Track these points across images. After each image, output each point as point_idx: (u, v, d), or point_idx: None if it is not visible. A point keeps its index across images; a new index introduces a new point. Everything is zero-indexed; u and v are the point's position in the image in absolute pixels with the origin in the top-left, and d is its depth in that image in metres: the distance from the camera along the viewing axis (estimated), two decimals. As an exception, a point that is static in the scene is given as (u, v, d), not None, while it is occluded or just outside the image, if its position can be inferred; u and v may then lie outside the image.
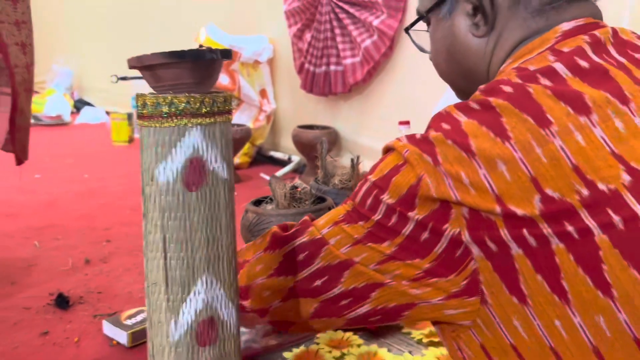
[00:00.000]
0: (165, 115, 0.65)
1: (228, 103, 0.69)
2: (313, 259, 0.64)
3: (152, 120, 0.66)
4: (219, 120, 0.67)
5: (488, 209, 0.53)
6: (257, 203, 1.16)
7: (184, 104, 0.65)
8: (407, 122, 1.87)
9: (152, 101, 0.65)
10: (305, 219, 0.69)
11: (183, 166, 0.65)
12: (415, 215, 0.56)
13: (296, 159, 2.71)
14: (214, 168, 0.67)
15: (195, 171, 0.66)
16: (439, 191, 0.55)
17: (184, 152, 0.65)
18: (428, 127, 0.61)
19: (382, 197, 0.59)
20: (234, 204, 0.69)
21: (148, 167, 0.67)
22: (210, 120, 0.67)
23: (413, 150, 0.57)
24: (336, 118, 2.53)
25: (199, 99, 0.65)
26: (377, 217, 0.59)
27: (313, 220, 0.68)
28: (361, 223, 0.61)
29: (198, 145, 0.66)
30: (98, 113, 4.16)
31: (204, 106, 0.66)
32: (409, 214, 0.57)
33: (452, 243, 0.55)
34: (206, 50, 0.65)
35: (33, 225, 1.85)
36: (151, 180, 0.67)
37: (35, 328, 1.19)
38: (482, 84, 0.68)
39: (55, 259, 1.57)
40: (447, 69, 0.75)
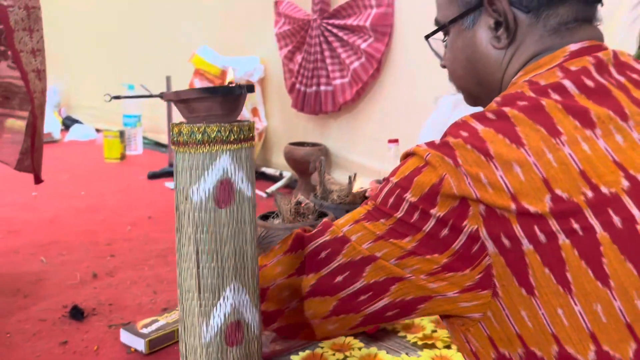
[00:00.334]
0: (199, 143, 0.74)
1: (251, 131, 0.78)
2: (335, 255, 0.68)
3: (187, 146, 0.75)
4: (244, 146, 0.76)
5: (504, 206, 0.58)
6: (264, 218, 1.25)
7: (215, 133, 0.74)
8: (396, 140, 1.97)
9: (188, 130, 0.74)
10: (325, 220, 0.73)
11: (214, 186, 0.74)
12: (436, 212, 0.61)
13: (287, 174, 2.80)
14: (240, 188, 0.76)
15: (224, 191, 0.75)
16: (460, 189, 0.60)
17: (215, 175, 0.74)
18: (445, 135, 0.65)
19: (405, 196, 0.63)
20: (256, 219, 0.78)
21: (182, 188, 0.76)
22: (237, 146, 0.76)
23: (434, 153, 0.62)
24: (326, 135, 2.63)
25: (228, 128, 0.74)
26: (400, 215, 0.63)
27: (333, 220, 0.72)
28: (382, 220, 0.65)
29: (227, 168, 0.75)
30: (87, 130, 4.21)
31: (233, 134, 0.75)
32: (431, 211, 0.61)
33: (470, 239, 0.60)
34: (235, 87, 0.74)
35: (37, 242, 1.91)
36: (185, 199, 0.75)
37: (54, 338, 1.25)
38: (495, 91, 0.76)
39: (63, 273, 1.64)
40: (464, 76, 0.80)
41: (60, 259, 1.76)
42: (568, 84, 0.65)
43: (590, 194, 0.58)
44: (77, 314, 1.33)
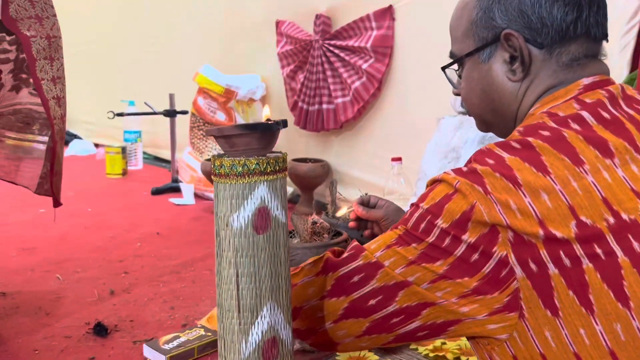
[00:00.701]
0: (239, 175, 0.81)
1: (285, 162, 0.85)
2: (369, 280, 0.70)
3: (228, 178, 0.81)
4: (279, 176, 0.83)
5: (532, 232, 0.62)
6: (282, 237, 1.32)
7: (254, 165, 0.81)
8: (399, 159, 2.05)
9: (229, 163, 0.81)
10: (356, 244, 0.76)
11: (253, 214, 0.81)
12: (467, 238, 0.64)
13: (290, 189, 2.87)
14: (275, 214, 0.83)
15: (262, 218, 0.82)
16: (491, 216, 0.63)
17: (254, 203, 0.81)
18: (470, 161, 0.69)
19: (436, 222, 0.66)
20: (288, 242, 0.85)
21: (223, 215, 0.82)
22: (273, 177, 0.83)
23: (464, 181, 0.65)
24: (328, 152, 2.70)
25: (265, 160, 0.81)
26: (431, 239, 0.66)
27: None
28: (414, 245, 0.67)
29: (264, 197, 0.82)
30: (87, 145, 4.25)
31: (269, 166, 0.82)
32: (462, 237, 0.64)
33: (500, 264, 0.63)
34: (273, 124, 0.82)
35: (51, 259, 1.95)
36: (226, 226, 0.82)
37: (81, 354, 1.31)
38: (509, 120, 0.81)
39: (81, 291, 1.69)
40: (479, 104, 0.83)
41: (76, 276, 1.81)
42: (586, 115, 0.69)
43: (612, 220, 0.62)
44: (102, 330, 1.38)
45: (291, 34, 2.65)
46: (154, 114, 3.02)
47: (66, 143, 4.51)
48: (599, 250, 0.62)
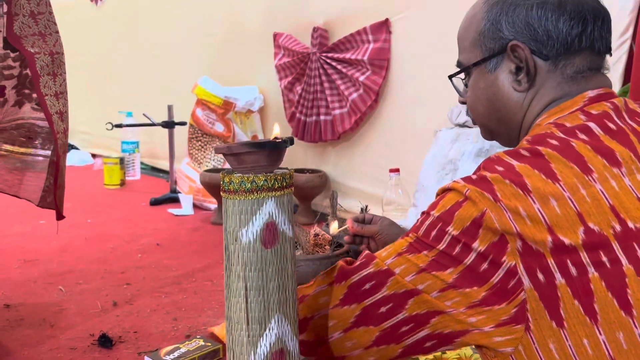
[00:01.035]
0: (248, 191, 0.84)
1: (292, 178, 0.88)
2: (380, 287, 0.71)
3: (237, 194, 0.84)
4: (286, 192, 0.86)
5: (540, 239, 0.62)
6: (285, 249, 1.34)
7: (262, 182, 0.83)
8: (397, 170, 2.08)
9: (238, 180, 0.84)
10: (368, 252, 0.76)
11: (261, 229, 0.83)
12: (477, 246, 0.64)
13: (287, 200, 2.90)
14: (283, 229, 0.85)
15: (270, 233, 0.84)
16: (502, 223, 0.63)
17: (262, 218, 0.84)
18: (480, 169, 0.70)
19: (447, 229, 0.66)
20: (295, 256, 0.88)
21: (232, 230, 0.85)
22: (281, 193, 0.85)
23: (473, 189, 0.66)
24: (325, 162, 2.73)
25: (273, 177, 0.84)
26: (442, 247, 0.67)
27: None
28: (425, 252, 0.68)
29: (272, 212, 0.84)
30: (84, 156, 4.27)
31: (277, 182, 0.84)
32: (472, 245, 0.64)
33: (508, 274, 0.63)
34: (281, 142, 0.84)
35: (53, 271, 1.97)
36: (235, 241, 0.85)
37: (87, 365, 1.33)
38: (514, 129, 0.82)
39: (84, 302, 1.71)
40: (485, 113, 0.85)
41: (79, 288, 1.83)
42: (593, 125, 0.71)
43: (618, 227, 0.63)
44: (106, 342, 1.40)
45: (289, 47, 2.68)
46: (153, 125, 3.04)
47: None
48: (604, 258, 0.62)
